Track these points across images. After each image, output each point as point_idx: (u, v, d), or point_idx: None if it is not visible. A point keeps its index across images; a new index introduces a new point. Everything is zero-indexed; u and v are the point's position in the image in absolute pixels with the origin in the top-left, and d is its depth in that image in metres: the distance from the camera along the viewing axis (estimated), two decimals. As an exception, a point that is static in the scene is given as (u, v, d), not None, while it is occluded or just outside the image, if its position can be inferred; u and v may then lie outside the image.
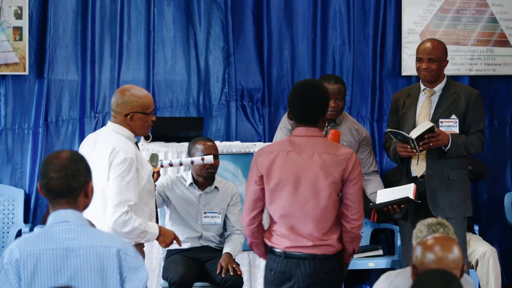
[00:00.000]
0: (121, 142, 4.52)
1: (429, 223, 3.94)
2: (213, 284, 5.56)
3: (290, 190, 4.17)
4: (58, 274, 3.09)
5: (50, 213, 3.18)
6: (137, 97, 4.58)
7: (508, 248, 7.23)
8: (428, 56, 5.58)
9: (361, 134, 5.66)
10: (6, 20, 6.92)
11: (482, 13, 7.22)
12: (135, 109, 4.55)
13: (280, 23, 7.17)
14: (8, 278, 3.09)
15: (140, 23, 7.08)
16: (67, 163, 3.13)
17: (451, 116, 5.54)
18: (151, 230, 4.53)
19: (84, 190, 3.17)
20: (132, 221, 4.41)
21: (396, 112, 5.69)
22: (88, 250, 3.12)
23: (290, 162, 4.19)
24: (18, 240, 3.17)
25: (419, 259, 3.33)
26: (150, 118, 4.60)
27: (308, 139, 4.21)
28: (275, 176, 4.19)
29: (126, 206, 4.41)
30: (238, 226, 5.70)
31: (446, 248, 3.32)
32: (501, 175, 7.28)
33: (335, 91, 5.54)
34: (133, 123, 4.57)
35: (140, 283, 3.15)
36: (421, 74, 5.61)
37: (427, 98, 5.61)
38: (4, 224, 6.85)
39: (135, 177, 4.45)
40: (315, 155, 4.17)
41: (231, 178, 6.38)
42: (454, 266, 3.28)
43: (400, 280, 3.80)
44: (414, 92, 5.68)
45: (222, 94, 7.14)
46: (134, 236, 4.47)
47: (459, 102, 5.56)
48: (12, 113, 7.01)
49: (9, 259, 3.11)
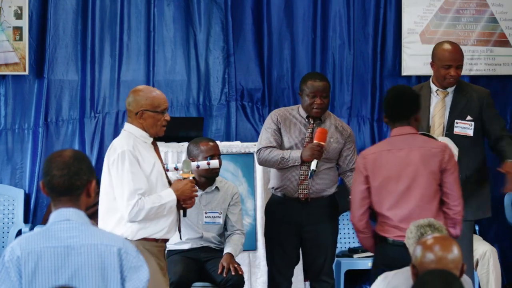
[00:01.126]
0: (120, 140, 4.57)
1: (419, 224, 3.97)
2: (213, 284, 5.55)
3: (395, 184, 4.58)
4: (59, 272, 3.09)
5: (52, 212, 3.18)
6: (147, 95, 4.61)
7: (508, 248, 7.23)
8: (458, 63, 5.52)
9: (346, 131, 5.62)
10: (6, 20, 6.92)
11: (482, 13, 7.22)
12: (145, 107, 4.57)
13: (280, 23, 7.17)
14: (9, 276, 3.09)
15: (140, 23, 7.08)
16: (70, 161, 3.14)
17: (467, 118, 5.50)
18: (167, 199, 4.52)
19: (86, 189, 3.17)
20: (143, 205, 4.44)
21: None
22: (89, 249, 3.12)
23: (392, 160, 4.60)
24: (20, 238, 3.17)
25: (418, 259, 3.33)
26: (162, 117, 4.60)
27: (404, 137, 4.63)
28: (380, 174, 4.60)
29: (137, 195, 4.45)
30: (239, 226, 5.70)
31: (445, 248, 3.32)
32: (501, 175, 7.24)
33: (321, 88, 5.49)
34: (143, 122, 4.58)
35: (141, 282, 3.14)
36: (447, 81, 5.51)
37: (441, 99, 5.56)
38: (4, 224, 6.85)
39: (137, 166, 4.47)
40: (413, 151, 4.59)
41: (231, 178, 6.38)
42: (454, 266, 3.28)
43: (398, 280, 3.80)
44: (425, 93, 5.58)
45: (222, 94, 7.15)
46: (155, 216, 4.50)
47: (472, 103, 5.52)
48: (12, 113, 7.01)
49: (10, 257, 3.11)
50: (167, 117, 4.63)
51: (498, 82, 7.29)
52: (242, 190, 6.41)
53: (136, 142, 4.55)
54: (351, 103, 7.15)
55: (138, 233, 4.52)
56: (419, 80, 7.26)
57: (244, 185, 6.50)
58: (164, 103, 4.63)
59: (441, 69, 5.52)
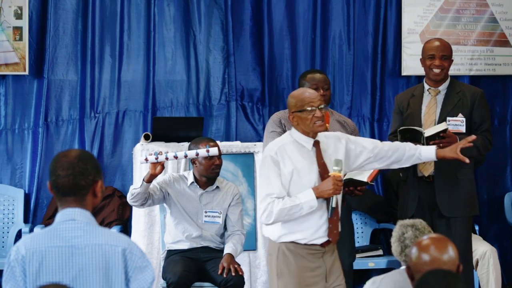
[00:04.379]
0: (273, 144, 4.62)
1: (403, 223, 3.97)
2: (214, 284, 5.55)
3: None
4: (63, 272, 3.10)
5: (58, 211, 3.19)
6: (292, 97, 4.62)
7: (508, 248, 7.24)
8: (442, 53, 5.55)
9: (350, 125, 5.62)
10: (6, 20, 6.92)
11: (482, 13, 7.22)
12: (293, 109, 4.57)
13: (280, 23, 7.17)
14: (14, 275, 3.11)
15: (140, 23, 7.08)
16: (75, 161, 3.15)
17: (458, 115, 5.52)
18: (303, 199, 4.46)
19: (92, 189, 3.18)
20: (273, 207, 4.45)
21: (400, 113, 5.67)
22: (93, 249, 3.12)
23: None
24: (25, 238, 3.18)
25: (413, 260, 3.32)
26: (311, 114, 4.53)
27: None
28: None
29: (268, 198, 4.46)
30: (239, 226, 5.70)
31: (440, 248, 3.31)
32: (501, 175, 7.29)
33: (322, 79, 5.47)
34: (294, 123, 4.58)
35: (146, 283, 3.14)
36: (432, 72, 5.56)
37: (433, 97, 5.59)
38: (4, 224, 6.85)
39: (274, 171, 4.48)
40: None
41: (231, 178, 6.38)
42: (449, 266, 3.27)
43: (387, 285, 3.80)
44: (418, 92, 5.65)
45: (222, 94, 7.14)
46: (288, 217, 4.47)
47: (464, 101, 5.54)
48: (12, 113, 7.01)
49: (16, 256, 3.12)
50: (317, 114, 4.53)
51: (498, 82, 7.29)
52: (242, 190, 6.41)
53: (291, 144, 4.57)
54: (351, 103, 7.15)
55: (280, 238, 4.56)
56: (419, 80, 7.26)
57: (244, 185, 6.50)
58: (307, 99, 4.57)
59: (426, 60, 5.58)
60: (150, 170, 5.36)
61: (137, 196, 5.42)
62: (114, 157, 7.06)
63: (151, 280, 3.16)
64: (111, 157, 7.05)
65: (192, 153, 5.47)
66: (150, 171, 5.36)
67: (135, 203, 5.50)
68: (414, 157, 4.77)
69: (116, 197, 6.91)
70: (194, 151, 5.46)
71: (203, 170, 5.59)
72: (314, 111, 4.51)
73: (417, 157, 4.78)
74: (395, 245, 3.96)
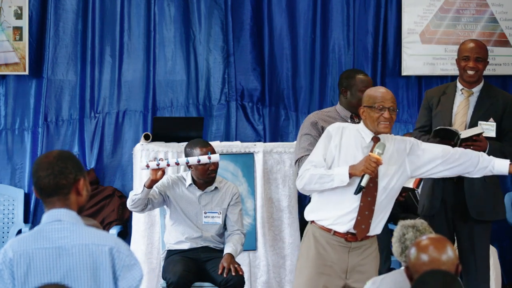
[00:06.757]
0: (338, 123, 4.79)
1: (404, 224, 3.97)
2: (214, 284, 5.55)
3: None
4: (50, 273, 3.09)
5: (44, 213, 3.19)
6: (368, 91, 4.69)
7: (508, 248, 7.23)
8: (476, 55, 5.48)
9: None
10: (6, 20, 6.93)
11: (482, 13, 7.22)
12: (365, 103, 4.62)
13: (280, 23, 7.17)
14: (2, 278, 3.10)
15: (140, 23, 7.09)
16: (54, 161, 3.14)
17: (489, 120, 5.48)
18: (336, 172, 4.49)
19: (75, 187, 3.17)
20: (307, 173, 4.52)
21: (429, 108, 5.59)
22: (80, 249, 3.11)
23: None
24: (12, 240, 3.18)
25: (412, 260, 3.32)
26: (379, 113, 4.55)
27: None
28: None
29: (308, 165, 4.55)
30: (239, 226, 5.70)
31: (439, 249, 3.30)
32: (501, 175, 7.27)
33: (371, 82, 5.41)
34: (363, 116, 4.62)
35: (134, 281, 3.13)
36: (466, 74, 5.49)
37: (465, 98, 5.51)
38: (4, 224, 6.85)
39: (323, 142, 4.58)
40: None
41: (231, 178, 6.37)
42: (448, 267, 3.27)
43: (387, 285, 3.80)
44: (450, 91, 5.56)
45: (222, 94, 7.15)
46: (319, 185, 4.51)
47: (497, 106, 5.47)
48: (12, 113, 7.01)
49: (3, 259, 3.11)
50: (386, 114, 4.58)
51: (498, 82, 7.28)
52: (242, 190, 6.40)
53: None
54: (351, 103, 7.14)
55: (308, 216, 4.66)
56: (419, 80, 7.28)
57: (244, 185, 6.49)
58: (375, 97, 4.63)
59: (461, 61, 5.53)
60: (151, 176, 5.35)
61: (138, 202, 5.42)
62: (114, 157, 7.06)
63: (140, 278, 3.15)
64: (111, 157, 7.06)
65: (194, 160, 5.46)
66: (151, 177, 5.35)
67: (135, 209, 5.50)
68: (486, 169, 4.77)
69: (116, 197, 6.91)
70: (196, 158, 5.45)
71: (199, 174, 5.59)
72: (383, 112, 4.53)
73: (489, 170, 4.78)
74: (396, 246, 3.95)
